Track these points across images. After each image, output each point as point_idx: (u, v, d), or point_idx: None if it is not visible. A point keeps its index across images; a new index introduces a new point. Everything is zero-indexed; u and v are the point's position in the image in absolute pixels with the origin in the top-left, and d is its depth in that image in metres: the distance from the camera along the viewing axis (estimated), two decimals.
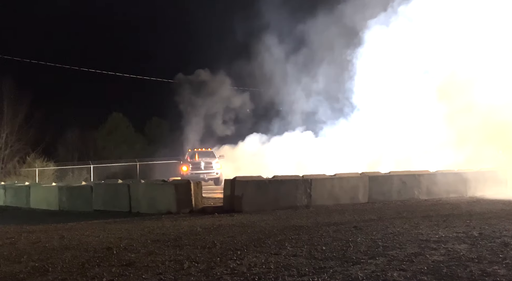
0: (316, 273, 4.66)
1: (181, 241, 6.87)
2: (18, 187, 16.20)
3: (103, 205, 12.57)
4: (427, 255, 5.31)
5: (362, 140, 21.09)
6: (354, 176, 12.35)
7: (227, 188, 11.17)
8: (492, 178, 13.90)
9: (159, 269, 5.07)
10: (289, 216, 9.60)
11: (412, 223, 7.91)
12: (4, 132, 37.18)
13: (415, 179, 12.84)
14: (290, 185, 11.31)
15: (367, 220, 8.53)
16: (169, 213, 10.87)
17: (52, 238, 7.74)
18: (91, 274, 4.95)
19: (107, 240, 7.20)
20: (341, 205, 11.43)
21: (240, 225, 8.39)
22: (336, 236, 6.83)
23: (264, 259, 5.40)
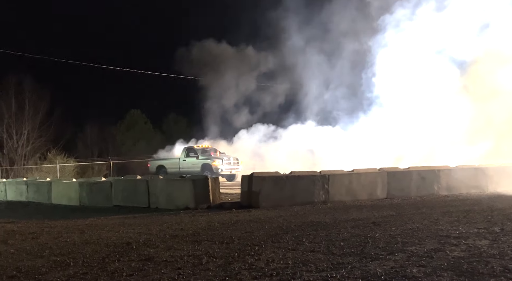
0: (334, 268, 4.64)
1: (199, 236, 6.92)
2: (40, 182, 16.50)
3: (122, 201, 12.74)
4: (447, 251, 5.24)
5: (381, 133, 20.85)
6: (372, 171, 12.25)
7: (245, 184, 11.19)
8: None
9: (178, 264, 5.12)
10: (307, 211, 9.58)
11: (432, 219, 7.81)
12: (26, 129, 37.96)
13: (434, 174, 12.68)
14: (308, 181, 11.28)
15: (385, 216, 8.45)
16: (187, 208, 10.95)
17: (73, 233, 7.87)
18: (111, 268, 5.02)
19: (126, 235, 7.30)
20: (359, 201, 11.35)
21: (258, 221, 8.41)
22: (354, 232, 6.79)
23: (282, 254, 5.40)
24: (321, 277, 4.34)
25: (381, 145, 20.22)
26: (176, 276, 4.58)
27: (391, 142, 20.06)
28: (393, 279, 4.15)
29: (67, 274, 4.85)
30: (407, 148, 19.34)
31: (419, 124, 19.95)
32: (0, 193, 18.21)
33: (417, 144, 19.36)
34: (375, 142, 20.69)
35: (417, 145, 19.30)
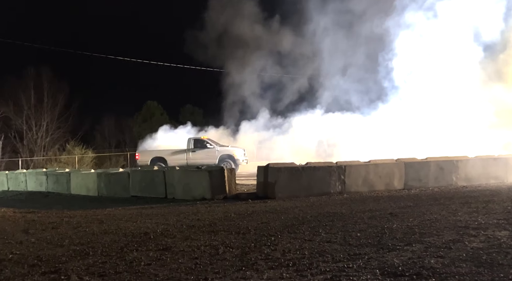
0: (351, 259, 4.63)
1: (216, 226, 6.96)
2: (59, 173, 16.77)
3: (140, 191, 12.88)
4: (466, 242, 5.18)
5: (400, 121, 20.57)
6: (389, 162, 12.14)
7: (260, 175, 11.21)
8: None
9: (195, 253, 5.17)
10: (323, 202, 9.56)
11: (450, 210, 7.72)
12: (45, 121, 38.59)
13: (453, 165, 12.51)
14: (324, 172, 11.24)
15: (403, 207, 8.39)
16: (203, 199, 11.03)
17: (92, 223, 8.00)
18: (130, 258, 5.09)
19: (144, 225, 7.39)
20: (376, 192, 11.28)
21: (274, 211, 8.42)
22: (371, 222, 6.75)
23: (298, 245, 5.40)
24: (337, 268, 4.33)
25: (399, 134, 19.96)
26: (193, 266, 4.62)
27: (410, 131, 19.78)
28: (410, 270, 4.12)
29: (86, 263, 4.93)
30: (426, 137, 19.06)
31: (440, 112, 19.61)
32: (21, 184, 18.57)
33: (437, 133, 19.07)
34: (393, 130, 20.42)
35: (436, 134, 19.01)
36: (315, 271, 4.28)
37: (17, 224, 8.31)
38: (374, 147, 19.24)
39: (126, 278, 4.26)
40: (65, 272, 4.56)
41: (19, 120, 38.16)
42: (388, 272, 4.10)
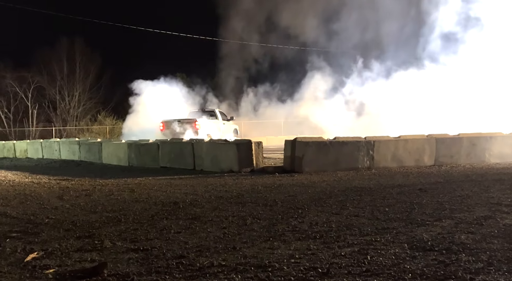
0: (379, 233, 4.62)
1: (243, 198, 7.04)
2: (91, 143, 17.21)
3: (169, 162, 13.10)
4: (498, 218, 5.08)
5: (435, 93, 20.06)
6: (420, 138, 11.91)
7: (288, 149, 11.20)
8: None
9: (223, 223, 5.26)
10: (351, 177, 9.51)
11: (482, 186, 7.56)
12: (77, 91, 39.40)
13: (486, 141, 12.19)
14: (352, 147, 11.13)
15: (433, 183, 8.26)
16: (231, 171, 11.14)
17: (123, 191, 8.22)
18: (160, 225, 5.23)
19: (173, 195, 7.54)
20: (405, 167, 11.13)
21: (301, 185, 8.44)
22: (400, 198, 6.69)
23: (325, 218, 5.42)
24: (365, 241, 4.33)
25: (434, 107, 19.48)
26: (221, 235, 4.71)
27: (445, 104, 19.30)
28: (440, 245, 4.08)
29: (119, 229, 5.09)
30: (461, 111, 18.58)
31: (479, 85, 19.03)
32: (54, 152, 19.17)
33: (473, 107, 18.55)
34: (427, 103, 19.93)
35: (472, 109, 18.50)
36: (342, 243, 4.29)
37: (52, 191, 8.62)
38: (405, 120, 18.88)
39: (157, 245, 4.38)
40: (98, 237, 4.73)
41: (52, 90, 39.11)
42: (416, 247, 4.08)
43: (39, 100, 38.41)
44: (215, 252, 4.10)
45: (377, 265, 3.63)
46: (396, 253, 3.91)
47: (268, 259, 3.86)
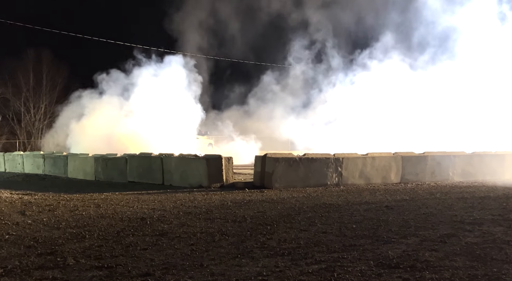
0: (346, 250, 4.66)
1: (212, 214, 6.99)
2: (57, 156, 16.75)
3: (137, 177, 12.88)
4: (461, 236, 5.22)
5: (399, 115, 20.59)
6: (386, 155, 12.16)
7: (258, 164, 11.22)
8: None
9: (191, 240, 5.19)
10: (319, 194, 9.60)
11: (446, 204, 7.77)
12: (43, 103, 38.44)
13: (450, 160, 12.55)
14: (321, 163, 11.25)
15: (399, 200, 8.43)
16: (200, 186, 11.04)
17: (89, 206, 8.01)
18: (126, 242, 5.12)
19: (140, 211, 7.41)
20: (373, 185, 11.32)
21: (270, 201, 8.45)
22: (367, 215, 6.79)
23: (294, 234, 5.43)
24: (332, 258, 4.36)
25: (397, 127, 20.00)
26: (189, 252, 4.65)
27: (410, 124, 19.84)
28: (404, 262, 4.16)
29: (83, 246, 4.95)
30: (426, 130, 19.15)
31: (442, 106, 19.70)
32: (18, 165, 18.55)
33: (437, 127, 19.15)
34: (390, 123, 20.44)
35: (437, 128, 19.10)
36: (310, 260, 4.31)
37: (13, 206, 8.32)
38: (371, 138, 19.28)
39: (122, 262, 4.28)
40: (61, 254, 4.58)
41: (17, 102, 38.01)
42: (382, 264, 4.14)
43: (2, 112, 37.25)
44: (182, 270, 4.04)
45: None
46: (362, 270, 3.95)
47: (235, 277, 3.83)
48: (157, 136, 19.12)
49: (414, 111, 20.30)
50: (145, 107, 20.45)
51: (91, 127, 20.48)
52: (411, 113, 20.32)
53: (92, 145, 18.27)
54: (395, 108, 20.87)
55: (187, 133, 21.35)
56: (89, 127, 20.67)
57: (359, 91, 22.39)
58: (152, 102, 20.46)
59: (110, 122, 19.97)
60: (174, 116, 20.39)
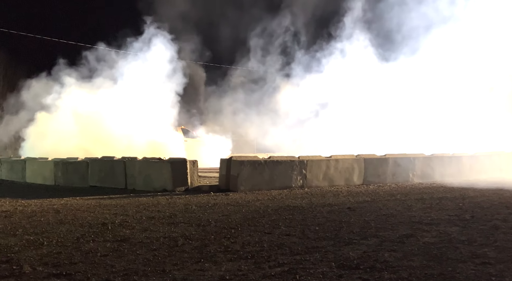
0: (309, 252, 4.72)
1: (176, 218, 6.92)
2: (14, 161, 16.18)
3: (99, 181, 12.60)
4: (419, 236, 5.38)
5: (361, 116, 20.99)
6: (349, 157, 12.40)
7: (223, 168, 11.20)
8: (486, 162, 14.03)
9: (153, 245, 5.12)
10: (284, 196, 9.67)
11: (406, 205, 7.99)
12: (0, 106, 37.00)
13: (410, 162, 12.92)
14: (286, 166, 11.36)
15: (361, 202, 8.60)
16: (164, 190, 10.92)
17: (47, 212, 7.77)
18: (86, 248, 4.99)
19: (102, 216, 7.25)
20: (336, 187, 11.51)
21: (235, 204, 8.45)
22: (330, 216, 6.89)
23: (257, 238, 5.45)
24: (295, 260, 4.41)
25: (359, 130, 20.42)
26: (151, 257, 4.58)
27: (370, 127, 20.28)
28: (365, 263, 4.25)
29: (40, 253, 4.80)
30: (386, 133, 19.62)
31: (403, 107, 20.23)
32: None
33: (397, 129, 19.65)
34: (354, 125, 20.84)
35: (397, 130, 19.60)
36: (273, 263, 4.33)
37: None
38: (335, 141, 19.59)
39: (81, 269, 4.18)
40: (17, 262, 4.43)
41: None
42: (343, 265, 4.21)
43: None
44: (143, 275, 3.98)
45: None
46: (324, 272, 4.01)
47: None
48: (134, 138, 18.30)
49: (376, 114, 20.78)
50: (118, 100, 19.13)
51: (50, 128, 19.33)
52: (373, 116, 20.79)
53: (53, 148, 17.39)
54: (357, 111, 21.30)
55: (172, 135, 20.55)
56: (47, 128, 19.46)
57: (321, 94, 22.72)
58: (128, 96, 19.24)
59: (74, 121, 18.90)
60: (150, 113, 19.51)
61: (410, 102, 20.46)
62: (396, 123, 20.23)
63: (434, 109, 19.80)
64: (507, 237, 5.31)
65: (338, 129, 21.18)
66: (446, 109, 19.58)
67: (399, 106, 20.59)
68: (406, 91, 20.66)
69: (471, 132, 18.42)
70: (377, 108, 21.00)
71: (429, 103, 20.01)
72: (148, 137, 18.43)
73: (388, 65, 21.15)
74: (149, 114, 19.18)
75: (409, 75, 20.65)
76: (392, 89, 20.95)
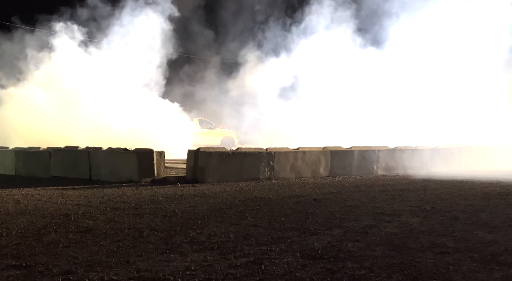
0: (274, 242, 4.77)
1: (142, 209, 6.84)
2: None
3: (62, 171, 12.28)
4: (381, 227, 5.52)
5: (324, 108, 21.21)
6: (316, 150, 12.54)
7: (190, 159, 11.12)
8: (447, 155, 14.49)
9: (117, 236, 5.05)
10: (252, 187, 9.71)
11: (370, 197, 8.17)
12: None
13: (374, 154, 13.19)
14: (254, 158, 11.38)
15: (327, 193, 8.74)
16: (130, 181, 10.75)
17: (7, 203, 7.53)
18: (47, 239, 4.88)
19: (65, 207, 7.08)
20: (303, 178, 11.63)
21: (202, 195, 8.42)
22: (296, 208, 6.97)
23: (224, 228, 5.46)
24: (260, 251, 4.44)
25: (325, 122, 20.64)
26: (115, 248, 4.52)
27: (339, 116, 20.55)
28: (329, 253, 4.33)
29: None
30: (352, 126, 19.93)
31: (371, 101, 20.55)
32: None
33: (363, 122, 20.00)
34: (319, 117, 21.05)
35: (362, 123, 19.94)
36: (238, 254, 4.36)
37: None
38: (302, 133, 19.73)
39: (42, 260, 4.08)
40: None
41: None
42: (308, 255, 4.28)
43: None
44: (106, 267, 3.92)
45: (270, 275, 3.74)
46: (289, 262, 4.06)
47: (162, 272, 3.79)
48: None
49: (343, 106, 21.06)
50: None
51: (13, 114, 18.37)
52: (339, 108, 21.06)
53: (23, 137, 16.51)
54: (324, 103, 21.53)
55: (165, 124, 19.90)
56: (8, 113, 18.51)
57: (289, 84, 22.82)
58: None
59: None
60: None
61: (376, 95, 20.84)
62: (362, 115, 20.60)
63: (399, 103, 20.24)
64: (464, 228, 5.52)
65: (306, 121, 21.36)
66: (410, 102, 20.05)
67: (366, 98, 20.95)
68: (374, 84, 21.03)
69: (433, 125, 18.98)
70: (344, 100, 21.25)
71: (394, 96, 20.44)
72: (130, 125, 17.87)
73: (357, 56, 21.39)
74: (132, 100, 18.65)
75: (378, 68, 21.00)
76: (360, 82, 21.28)
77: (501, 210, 6.80)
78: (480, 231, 5.29)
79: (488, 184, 10.23)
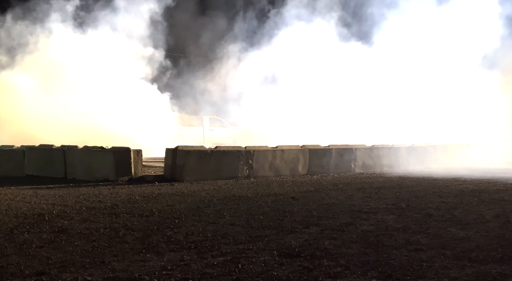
0: (252, 241, 4.77)
1: (118, 209, 6.76)
2: None
3: (36, 170, 12.03)
4: (357, 225, 5.58)
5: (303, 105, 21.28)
6: (295, 148, 12.60)
7: (168, 157, 11.04)
8: (422, 153, 14.76)
9: (93, 236, 4.98)
10: (230, 186, 9.70)
11: (347, 195, 8.26)
12: None
13: (352, 153, 13.33)
14: (233, 156, 11.36)
15: (305, 191, 8.79)
16: (107, 180, 10.60)
17: None
18: (20, 240, 4.77)
19: (38, 206, 6.94)
20: (282, 177, 11.67)
21: (180, 194, 8.37)
22: (274, 206, 6.99)
23: (201, 227, 5.44)
24: (238, 250, 4.44)
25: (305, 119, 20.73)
26: (90, 248, 4.46)
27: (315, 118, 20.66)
28: (305, 251, 4.35)
29: None
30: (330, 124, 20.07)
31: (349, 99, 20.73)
32: None
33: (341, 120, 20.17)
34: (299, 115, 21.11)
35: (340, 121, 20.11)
36: (216, 253, 4.35)
37: None
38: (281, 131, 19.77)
39: (14, 261, 3.99)
40: None
41: None
42: (285, 253, 4.30)
43: None
44: (81, 267, 3.86)
45: (247, 273, 3.74)
46: (266, 261, 4.07)
47: (138, 272, 3.75)
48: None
49: (321, 104, 21.18)
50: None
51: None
52: (318, 106, 21.18)
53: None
54: (303, 101, 21.60)
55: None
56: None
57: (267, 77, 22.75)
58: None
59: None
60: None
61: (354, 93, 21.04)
62: (340, 114, 20.76)
63: (376, 101, 20.50)
64: (438, 225, 5.63)
65: (284, 119, 21.40)
66: (388, 101, 20.34)
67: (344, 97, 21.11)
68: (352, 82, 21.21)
69: (410, 124, 19.30)
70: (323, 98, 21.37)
71: (372, 95, 20.68)
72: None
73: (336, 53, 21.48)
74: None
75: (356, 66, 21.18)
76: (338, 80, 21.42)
77: (474, 207, 6.96)
78: (453, 228, 5.41)
79: (462, 181, 10.46)
